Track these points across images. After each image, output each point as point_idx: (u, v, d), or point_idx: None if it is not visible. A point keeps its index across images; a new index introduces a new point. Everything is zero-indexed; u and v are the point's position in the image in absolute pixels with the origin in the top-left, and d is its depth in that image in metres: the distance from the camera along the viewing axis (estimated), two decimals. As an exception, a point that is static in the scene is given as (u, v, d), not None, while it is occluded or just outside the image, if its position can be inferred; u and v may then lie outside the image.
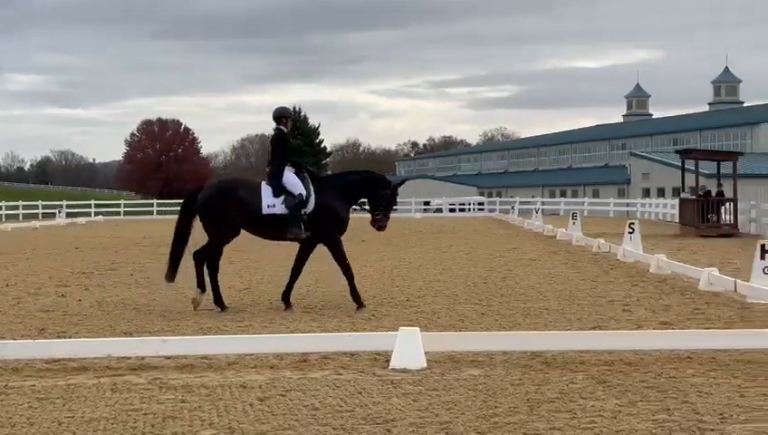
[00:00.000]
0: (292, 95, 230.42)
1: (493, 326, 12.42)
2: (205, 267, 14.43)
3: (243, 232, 14.64)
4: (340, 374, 9.34)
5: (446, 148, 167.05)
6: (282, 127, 14.60)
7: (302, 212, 14.06)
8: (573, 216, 33.92)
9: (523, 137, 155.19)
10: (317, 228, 14.14)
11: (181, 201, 15.42)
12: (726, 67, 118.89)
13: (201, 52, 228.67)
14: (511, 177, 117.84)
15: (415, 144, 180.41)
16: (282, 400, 8.27)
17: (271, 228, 14.27)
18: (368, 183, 14.50)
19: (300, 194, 14.06)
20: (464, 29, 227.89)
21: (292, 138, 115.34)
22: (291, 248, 14.79)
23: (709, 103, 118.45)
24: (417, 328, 10.00)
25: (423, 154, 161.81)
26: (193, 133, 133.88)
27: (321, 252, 14.61)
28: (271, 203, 14.11)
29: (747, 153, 69.14)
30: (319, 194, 14.21)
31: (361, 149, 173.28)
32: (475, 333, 11.10)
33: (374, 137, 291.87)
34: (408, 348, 9.62)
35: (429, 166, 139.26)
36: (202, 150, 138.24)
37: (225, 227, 14.30)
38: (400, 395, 8.39)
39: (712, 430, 7.16)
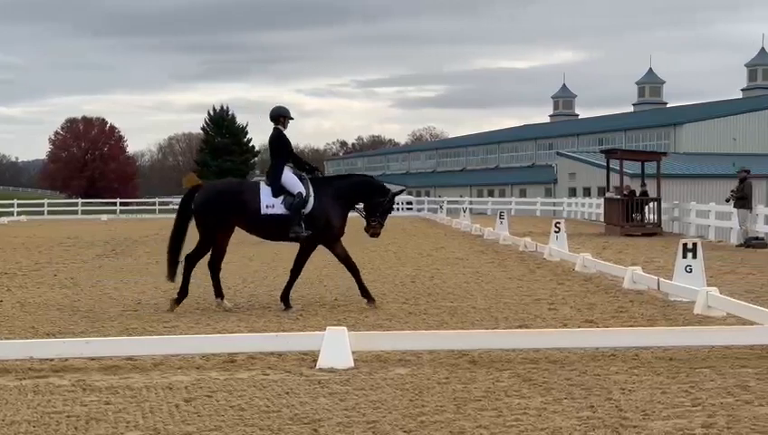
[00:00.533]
0: (219, 94, 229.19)
1: (420, 325, 12.47)
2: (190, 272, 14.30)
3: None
4: (267, 375, 9.31)
5: (374, 147, 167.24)
6: (279, 126, 14.56)
7: (302, 212, 14.07)
8: (500, 215, 34.18)
9: (450, 137, 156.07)
10: (315, 228, 14.17)
11: (109, 200, 15.32)
12: (650, 68, 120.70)
13: (128, 50, 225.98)
14: (439, 176, 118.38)
15: (344, 143, 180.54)
16: (208, 401, 8.21)
17: (270, 229, 14.25)
18: (367, 189, 14.59)
19: (299, 193, 14.06)
20: (390, 29, 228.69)
21: (222, 136, 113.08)
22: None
23: (634, 104, 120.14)
24: (345, 328, 10.01)
25: (351, 153, 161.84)
26: (119, 132, 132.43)
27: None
28: (270, 203, 14.09)
29: (670, 153, 70.20)
30: (318, 194, 14.23)
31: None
32: (403, 333, 11.13)
33: (303, 136, 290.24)
34: (336, 348, 9.62)
35: (358, 165, 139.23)
36: (128, 149, 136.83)
37: (221, 229, 14.19)
38: (327, 395, 8.38)
39: (634, 426, 7.26)
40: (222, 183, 15.01)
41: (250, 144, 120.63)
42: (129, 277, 19.47)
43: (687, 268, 15.07)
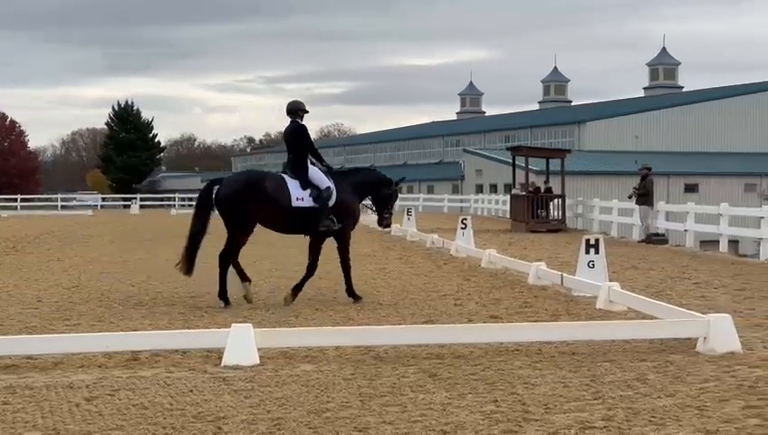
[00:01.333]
0: (124, 89, 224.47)
1: (326, 322, 12.47)
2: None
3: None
4: (171, 372, 9.20)
5: (282, 143, 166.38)
6: (297, 120, 14.50)
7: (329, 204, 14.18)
8: (408, 211, 34.40)
9: (358, 133, 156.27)
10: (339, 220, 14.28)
11: (9, 196, 14.97)
12: (555, 67, 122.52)
13: (30, 44, 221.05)
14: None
15: (251, 139, 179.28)
16: (110, 399, 8.09)
17: (298, 222, 14.25)
18: (376, 182, 14.99)
19: (327, 187, 14.17)
20: (297, 25, 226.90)
21: (126, 132, 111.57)
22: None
23: (539, 102, 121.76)
24: (250, 324, 9.94)
25: (259, 149, 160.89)
26: (20, 127, 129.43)
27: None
28: (300, 196, 14.12)
29: (574, 150, 71.26)
30: (337, 188, 14.35)
31: (196, 144, 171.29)
32: (308, 329, 11.12)
33: (209, 132, 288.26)
34: (241, 345, 9.56)
35: (266, 161, 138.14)
36: (30, 145, 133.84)
37: (252, 221, 14.09)
38: (232, 392, 8.32)
39: (537, 420, 7.35)
40: (246, 175, 14.92)
41: (155, 139, 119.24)
42: (29, 275, 19.10)
43: (590, 264, 15.32)
